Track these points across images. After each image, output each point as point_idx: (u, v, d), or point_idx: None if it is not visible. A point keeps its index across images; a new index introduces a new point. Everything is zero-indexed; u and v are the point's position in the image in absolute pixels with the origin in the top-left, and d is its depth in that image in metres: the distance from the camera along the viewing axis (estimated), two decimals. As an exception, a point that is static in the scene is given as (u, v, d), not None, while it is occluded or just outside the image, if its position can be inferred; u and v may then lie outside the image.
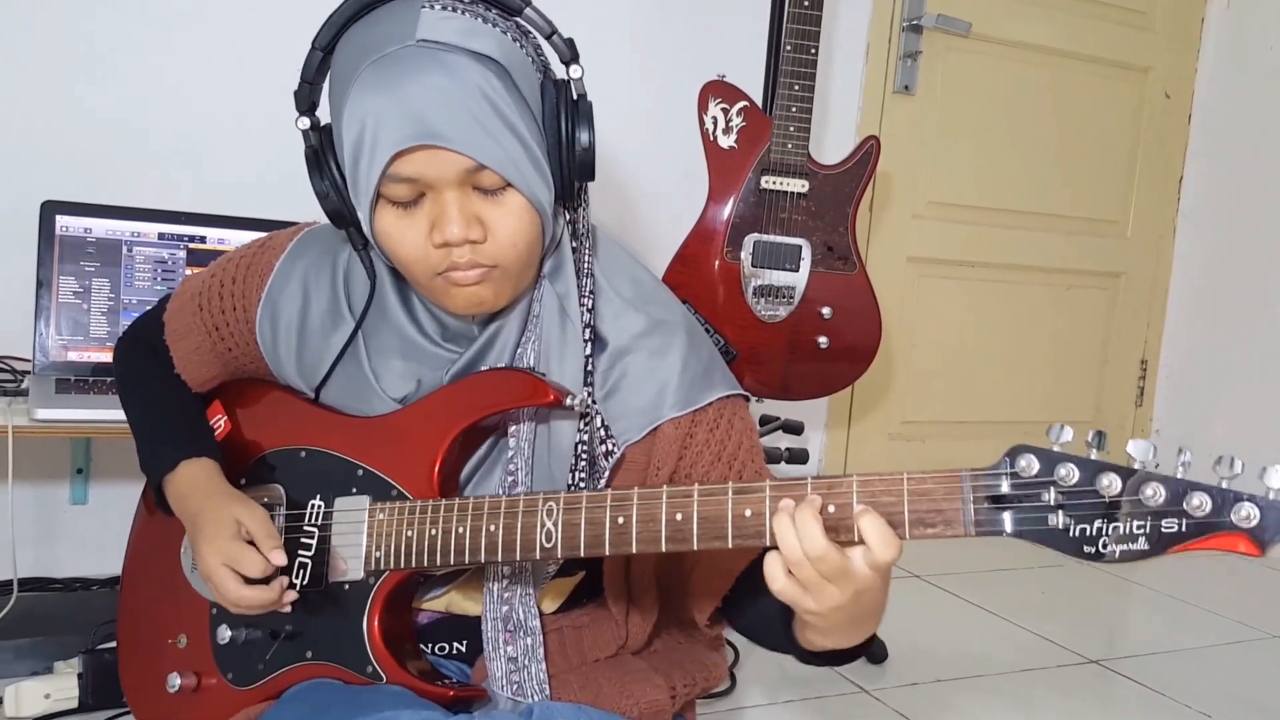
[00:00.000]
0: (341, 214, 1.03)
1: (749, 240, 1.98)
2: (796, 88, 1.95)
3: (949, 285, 2.95)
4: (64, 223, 1.76)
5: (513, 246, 0.98)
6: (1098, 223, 3.14)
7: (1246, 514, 0.71)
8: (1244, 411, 3.04)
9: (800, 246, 1.98)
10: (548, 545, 0.93)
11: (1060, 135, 3.02)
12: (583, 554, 0.92)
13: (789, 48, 1.94)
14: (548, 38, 1.00)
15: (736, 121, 1.99)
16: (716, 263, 1.98)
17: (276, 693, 1.07)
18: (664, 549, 0.89)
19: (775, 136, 1.96)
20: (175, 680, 1.13)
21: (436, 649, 1.13)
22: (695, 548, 0.88)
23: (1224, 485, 0.73)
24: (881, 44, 2.74)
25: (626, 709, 1.05)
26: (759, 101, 2.04)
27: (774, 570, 0.83)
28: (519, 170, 0.96)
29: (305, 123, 1.02)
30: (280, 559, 1.04)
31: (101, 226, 1.79)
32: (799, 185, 1.97)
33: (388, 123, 0.92)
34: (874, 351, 2.03)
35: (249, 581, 1.04)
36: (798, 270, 1.98)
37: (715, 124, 1.99)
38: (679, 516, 0.88)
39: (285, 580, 1.05)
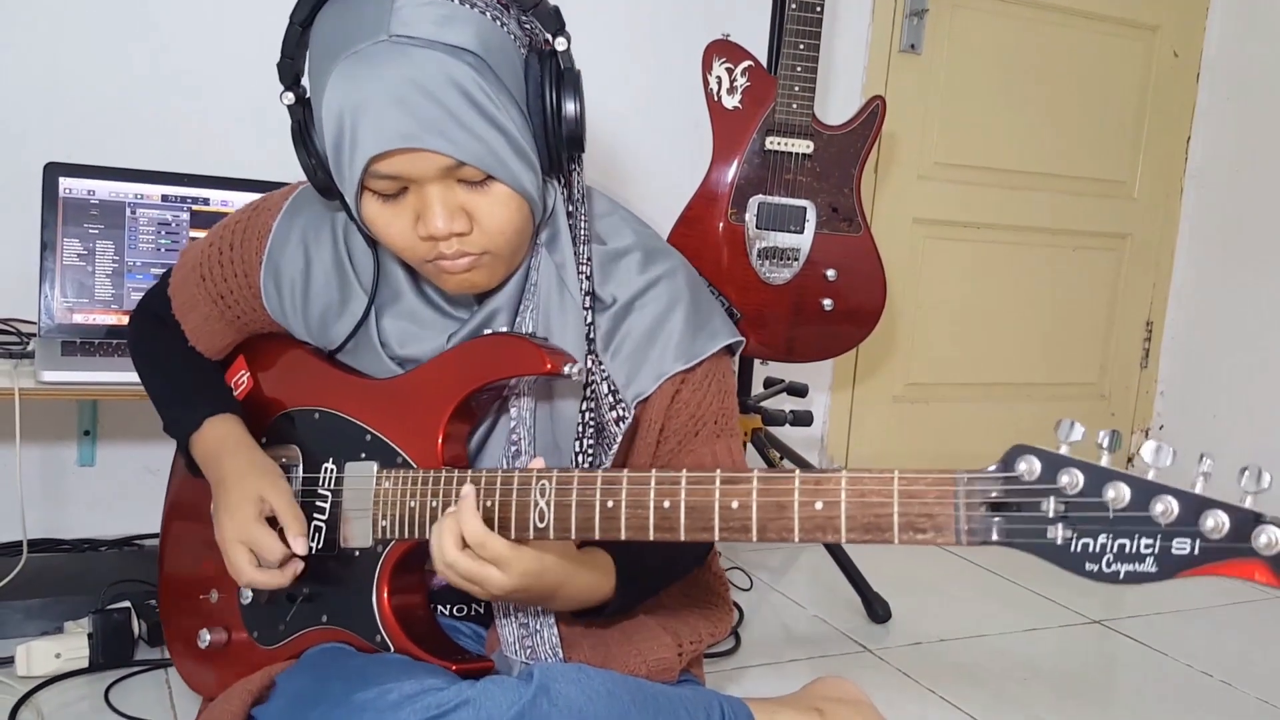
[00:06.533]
0: (330, 189, 1.02)
1: (753, 202, 1.97)
2: (802, 47, 1.93)
3: (954, 247, 2.94)
4: (67, 185, 1.76)
5: (500, 234, 0.98)
6: (1104, 183, 3.12)
7: (1268, 540, 0.63)
8: (1249, 374, 3.03)
9: (805, 208, 1.97)
10: (540, 525, 0.92)
11: (1067, 95, 2.99)
12: (573, 536, 0.91)
13: (794, 6, 1.91)
14: (533, 9, 0.98)
15: (741, 81, 1.97)
16: (720, 225, 1.97)
17: (299, 652, 1.09)
18: (652, 537, 0.87)
19: (780, 97, 1.95)
20: (205, 636, 1.15)
21: (455, 610, 1.14)
22: (683, 538, 0.86)
23: (1247, 502, 0.65)
24: (887, 3, 2.71)
25: (635, 667, 1.06)
26: (764, 61, 2.03)
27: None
28: (501, 162, 0.94)
29: (290, 97, 1.01)
30: (302, 547, 1.04)
31: (105, 189, 1.78)
32: (804, 146, 1.96)
33: (363, 125, 0.91)
34: (878, 313, 2.02)
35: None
36: (802, 232, 1.97)
37: (720, 84, 1.97)
38: (667, 504, 0.86)
39: (298, 565, 1.06)
